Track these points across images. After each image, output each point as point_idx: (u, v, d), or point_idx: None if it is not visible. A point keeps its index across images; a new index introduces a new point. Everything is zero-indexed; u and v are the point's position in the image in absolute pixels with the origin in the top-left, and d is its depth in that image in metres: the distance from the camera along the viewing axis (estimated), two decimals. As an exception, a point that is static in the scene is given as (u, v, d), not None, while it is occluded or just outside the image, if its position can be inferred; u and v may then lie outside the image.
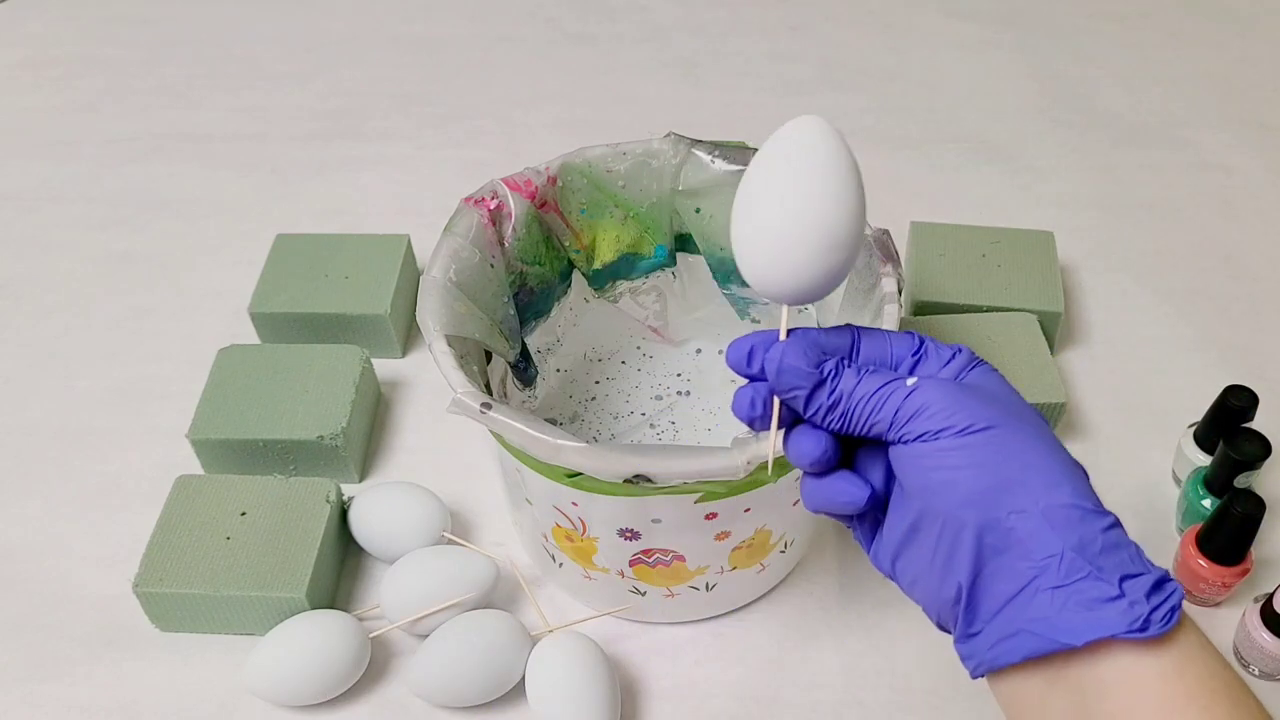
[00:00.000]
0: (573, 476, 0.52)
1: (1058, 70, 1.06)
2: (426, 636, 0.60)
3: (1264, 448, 0.62)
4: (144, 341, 0.82)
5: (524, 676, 0.59)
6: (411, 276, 0.81)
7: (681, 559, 0.58)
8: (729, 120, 1.00)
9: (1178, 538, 0.67)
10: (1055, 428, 0.71)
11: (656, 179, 0.66)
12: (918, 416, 0.38)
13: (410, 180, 0.95)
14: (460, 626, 0.59)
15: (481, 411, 0.51)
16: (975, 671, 0.38)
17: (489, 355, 0.63)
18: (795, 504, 0.59)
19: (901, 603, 0.65)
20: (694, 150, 0.65)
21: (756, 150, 0.42)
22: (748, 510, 0.56)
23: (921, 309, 0.77)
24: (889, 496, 0.41)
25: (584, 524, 0.57)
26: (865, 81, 1.05)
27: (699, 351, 0.76)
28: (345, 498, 0.67)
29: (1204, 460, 0.67)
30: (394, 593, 0.61)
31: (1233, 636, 0.62)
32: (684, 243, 0.69)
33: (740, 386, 0.42)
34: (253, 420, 0.69)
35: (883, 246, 0.58)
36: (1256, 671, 0.61)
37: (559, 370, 0.75)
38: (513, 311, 0.64)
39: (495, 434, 0.54)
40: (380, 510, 0.65)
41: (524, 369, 0.67)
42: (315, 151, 0.98)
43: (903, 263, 0.72)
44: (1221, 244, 0.88)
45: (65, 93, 1.06)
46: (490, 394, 0.55)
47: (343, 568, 0.67)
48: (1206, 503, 0.64)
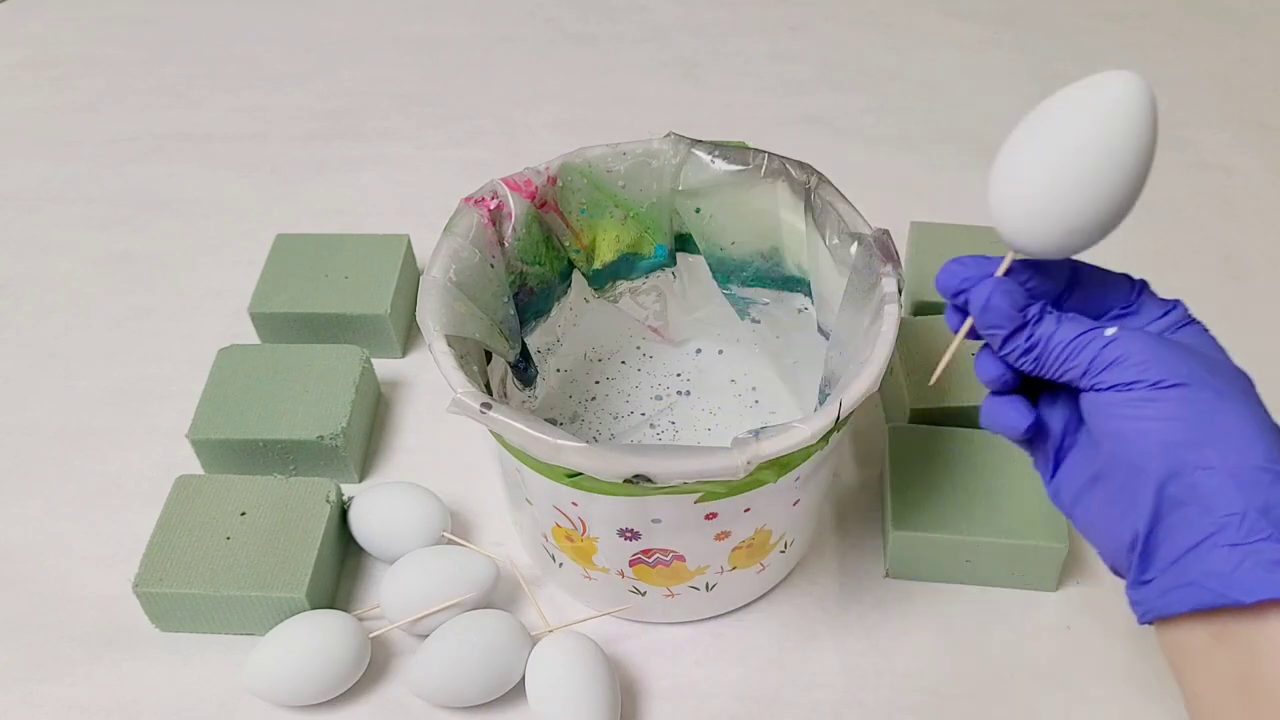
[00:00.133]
0: (573, 476, 0.52)
1: (1058, 70, 1.06)
2: (426, 636, 0.60)
3: (1264, 447, 0.62)
4: (144, 341, 0.82)
5: (524, 676, 0.59)
6: (411, 276, 0.81)
7: (681, 559, 0.58)
8: (729, 120, 1.00)
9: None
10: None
11: (656, 179, 0.66)
12: (1114, 366, 0.39)
13: (410, 180, 0.95)
14: (460, 626, 0.59)
15: (481, 411, 0.51)
16: (1143, 618, 0.40)
17: (489, 355, 0.63)
18: (795, 504, 0.59)
19: (901, 603, 0.65)
20: (694, 150, 0.65)
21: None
22: (748, 510, 0.56)
23: (922, 309, 0.77)
24: (1066, 438, 0.43)
25: (584, 524, 0.57)
26: (865, 81, 1.05)
27: (699, 351, 0.76)
28: (345, 498, 0.67)
29: (1204, 460, 0.66)
30: (394, 593, 0.61)
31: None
32: (684, 243, 0.69)
33: (981, 353, 0.44)
34: (253, 420, 0.69)
35: (883, 246, 0.58)
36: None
37: (559, 370, 0.75)
38: (513, 311, 0.64)
39: (495, 434, 0.54)
40: (380, 510, 0.66)
41: (524, 369, 0.67)
42: (315, 151, 0.98)
43: (903, 263, 0.72)
44: (1221, 244, 0.88)
45: (65, 93, 1.06)
46: (490, 394, 0.55)
47: (343, 568, 0.67)
48: (1207, 503, 0.64)
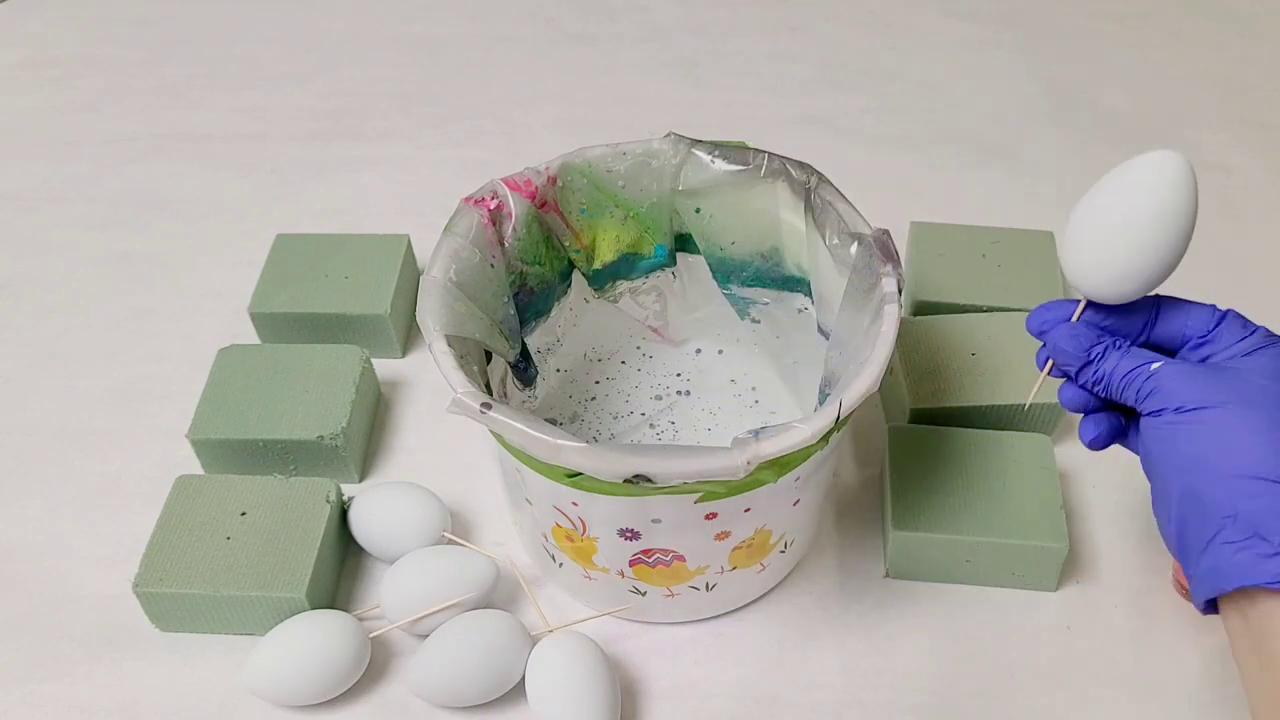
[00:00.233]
0: (573, 476, 0.52)
1: (1058, 70, 1.06)
2: (426, 636, 0.61)
3: (1264, 447, 0.62)
4: (144, 341, 0.82)
5: (524, 676, 0.59)
6: (411, 276, 0.81)
7: (681, 559, 0.58)
8: (729, 120, 1.00)
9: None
10: (1054, 429, 0.71)
11: (656, 179, 0.66)
12: (1153, 395, 0.47)
13: (410, 180, 0.95)
14: (460, 626, 0.59)
15: (481, 411, 0.51)
16: (1197, 606, 0.46)
17: (489, 355, 0.63)
18: (795, 504, 0.59)
19: (901, 603, 0.65)
20: (694, 150, 0.65)
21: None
22: (748, 510, 0.56)
23: (921, 309, 0.77)
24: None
25: (584, 524, 0.57)
26: (865, 81, 1.05)
27: (699, 351, 0.76)
28: (345, 498, 0.67)
29: (1204, 460, 0.67)
30: (394, 593, 0.61)
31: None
32: (684, 243, 0.69)
33: (1065, 384, 0.53)
34: (253, 420, 0.69)
35: (883, 246, 0.58)
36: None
37: (559, 370, 0.75)
38: (513, 311, 0.64)
39: (495, 434, 0.54)
40: (380, 510, 0.66)
41: (524, 369, 0.67)
42: (315, 151, 0.98)
43: (903, 263, 0.72)
44: (1221, 244, 0.88)
45: (65, 93, 1.06)
46: (490, 394, 0.55)
47: (343, 568, 0.67)
48: (1207, 503, 0.64)
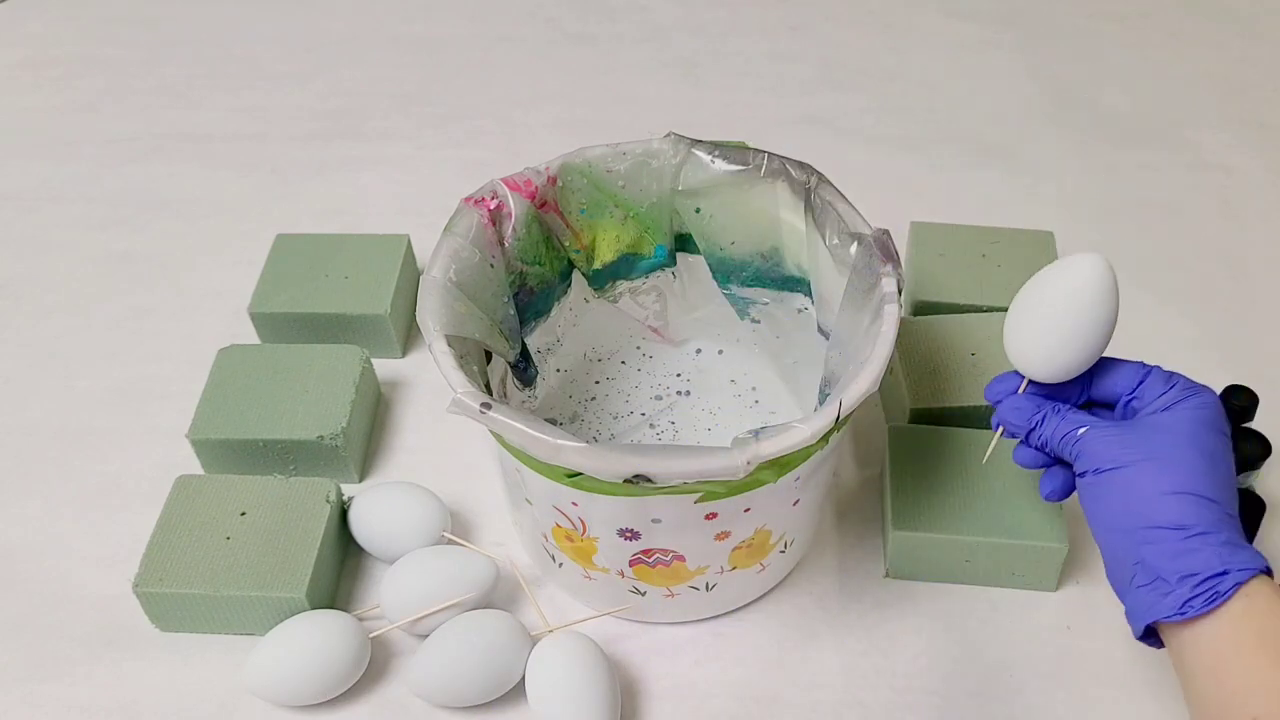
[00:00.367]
0: (573, 476, 0.52)
1: (1058, 70, 1.06)
2: (426, 636, 0.60)
3: (1264, 448, 0.62)
4: (144, 341, 0.82)
5: (524, 676, 0.59)
6: (411, 276, 0.81)
7: (681, 559, 0.58)
8: (729, 120, 1.00)
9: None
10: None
11: (656, 179, 0.66)
12: (1080, 458, 0.53)
13: (410, 180, 0.95)
14: (460, 626, 0.59)
15: (481, 411, 0.51)
16: (1136, 637, 0.51)
17: (489, 355, 0.63)
18: (795, 504, 0.59)
19: (901, 602, 0.65)
20: (694, 150, 0.65)
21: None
22: (748, 510, 0.56)
23: (921, 309, 0.77)
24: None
25: (584, 524, 0.57)
26: (865, 81, 1.05)
27: (699, 351, 0.76)
28: (345, 498, 0.67)
29: (1204, 460, 0.67)
30: (394, 593, 0.61)
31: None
32: (684, 243, 0.69)
33: (1018, 445, 0.57)
34: (253, 420, 0.69)
35: (883, 246, 0.58)
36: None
37: (559, 370, 0.75)
38: (513, 311, 0.64)
39: (495, 434, 0.54)
40: (380, 510, 0.66)
41: (524, 369, 0.67)
42: (315, 151, 0.98)
43: (903, 263, 0.72)
44: (1221, 244, 0.88)
45: (65, 93, 1.06)
46: (490, 394, 0.55)
47: (343, 568, 0.67)
48: (1206, 503, 0.65)
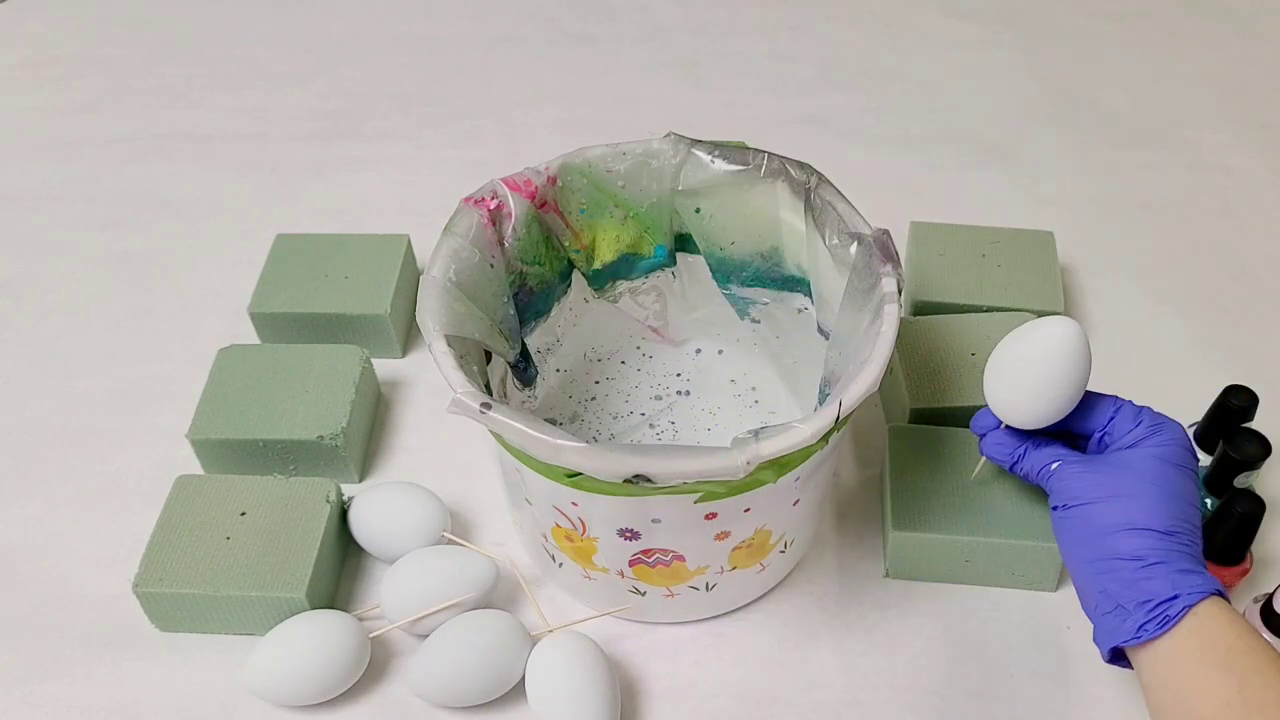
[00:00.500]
0: (573, 476, 0.52)
1: (1058, 70, 1.06)
2: (426, 636, 0.60)
3: (1264, 448, 0.62)
4: (144, 341, 0.82)
5: (524, 676, 0.59)
6: (411, 276, 0.81)
7: (681, 559, 0.58)
8: (729, 120, 1.00)
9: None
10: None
11: (656, 179, 0.66)
12: (1052, 493, 0.56)
13: (410, 180, 0.95)
14: (460, 626, 0.59)
15: (481, 411, 0.51)
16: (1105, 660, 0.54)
17: (489, 355, 0.63)
18: (795, 504, 0.59)
19: (901, 603, 0.65)
20: (694, 150, 0.65)
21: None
22: (748, 510, 0.56)
23: (921, 309, 0.77)
24: None
25: (584, 524, 0.57)
26: (865, 81, 1.05)
27: (699, 351, 0.76)
28: (345, 498, 0.67)
29: (1204, 460, 0.67)
30: (394, 593, 0.61)
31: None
32: (684, 243, 0.69)
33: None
34: (253, 420, 0.69)
35: (883, 246, 0.58)
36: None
37: (559, 370, 0.75)
38: (513, 311, 0.64)
39: (495, 434, 0.54)
40: (380, 510, 0.66)
41: (524, 369, 0.67)
42: (315, 151, 0.98)
43: (903, 263, 0.72)
44: (1221, 244, 0.88)
45: (65, 93, 1.06)
46: (490, 394, 0.55)
47: (343, 568, 0.67)
48: (1207, 502, 0.64)
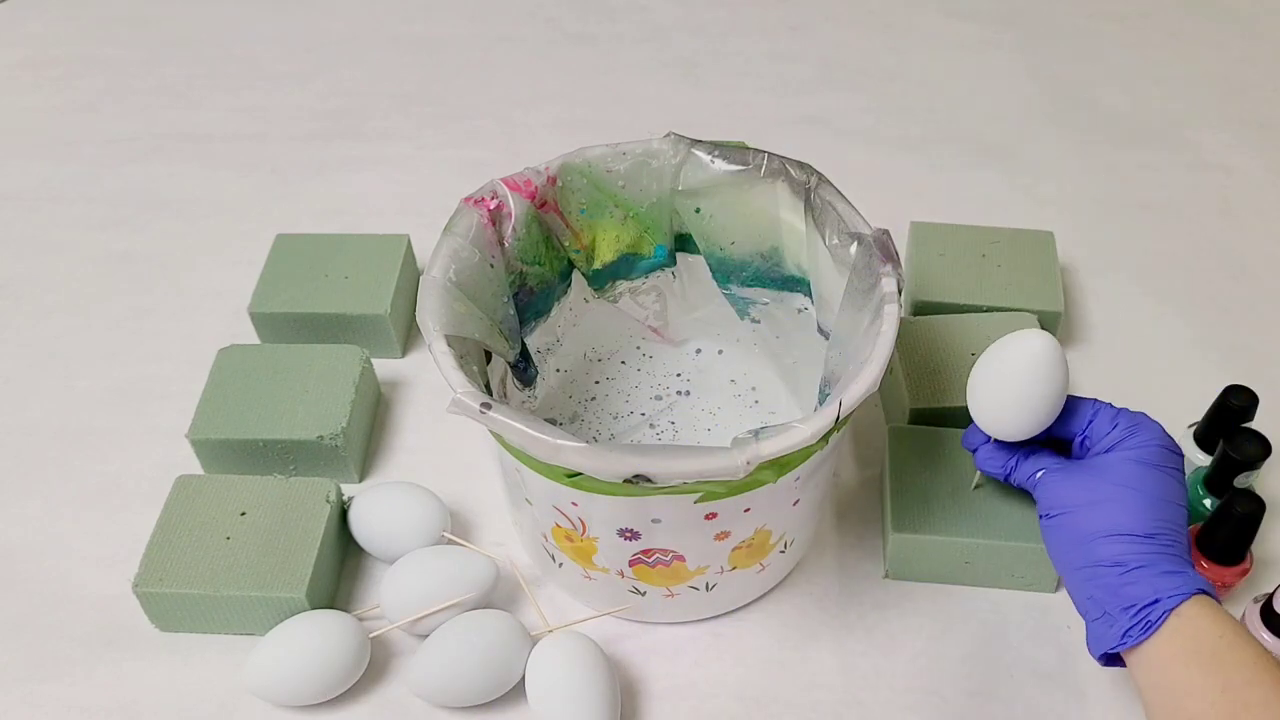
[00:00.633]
0: (572, 476, 0.52)
1: (1058, 70, 1.06)
2: (426, 636, 0.61)
3: (1264, 448, 0.62)
4: (144, 341, 0.82)
5: (524, 676, 0.59)
6: (411, 276, 0.81)
7: (681, 559, 0.58)
8: (729, 120, 1.00)
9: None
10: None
11: (656, 179, 0.66)
12: (1038, 502, 0.58)
13: (410, 180, 0.95)
14: (460, 626, 0.60)
15: (481, 411, 0.51)
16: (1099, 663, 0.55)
17: (489, 355, 0.63)
18: (795, 504, 0.59)
19: (901, 603, 0.65)
20: (694, 150, 0.65)
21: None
22: (748, 510, 0.56)
23: (921, 309, 0.77)
24: None
25: (584, 524, 0.57)
26: (865, 81, 1.05)
27: (699, 351, 0.76)
28: (345, 498, 0.67)
29: (1204, 460, 0.67)
30: (394, 593, 0.61)
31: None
32: (684, 243, 0.69)
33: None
34: (253, 420, 0.69)
35: (883, 246, 0.58)
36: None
37: (559, 370, 0.75)
38: (513, 311, 0.64)
39: (495, 434, 0.54)
40: (380, 510, 0.66)
41: (524, 369, 0.67)
42: (315, 151, 0.98)
43: (903, 263, 0.72)
44: (1221, 244, 0.88)
45: (65, 93, 1.06)
46: (490, 394, 0.55)
47: (343, 568, 0.67)
48: (1207, 503, 0.64)
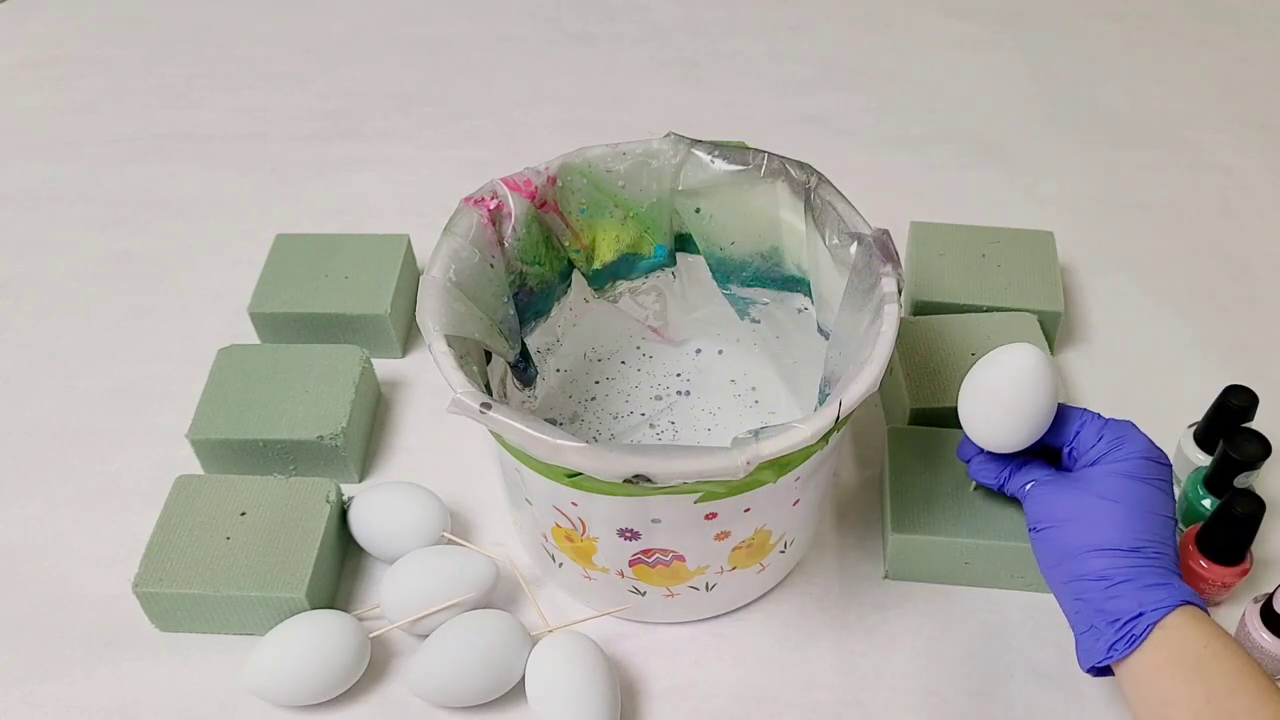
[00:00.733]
0: (572, 476, 0.52)
1: (1058, 70, 1.06)
2: (426, 636, 0.61)
3: (1264, 448, 0.62)
4: (144, 341, 0.82)
5: (524, 676, 0.59)
6: (411, 276, 0.81)
7: (681, 559, 0.58)
8: (729, 120, 1.00)
9: (1177, 538, 0.67)
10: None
11: (656, 179, 0.66)
12: (1027, 514, 0.58)
13: (410, 180, 0.95)
14: (460, 626, 0.60)
15: (481, 411, 0.51)
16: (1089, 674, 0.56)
17: (489, 355, 0.63)
18: (795, 504, 0.59)
19: (901, 603, 0.65)
20: (694, 150, 0.65)
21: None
22: (748, 510, 0.56)
23: (921, 309, 0.77)
24: None
25: (584, 524, 0.57)
26: (865, 81, 1.05)
27: (699, 351, 0.76)
28: (345, 498, 0.67)
29: (1204, 460, 0.67)
30: (394, 593, 0.61)
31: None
32: (684, 243, 0.69)
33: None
34: (253, 420, 0.69)
35: (883, 246, 0.58)
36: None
37: (559, 370, 0.75)
38: (513, 311, 0.64)
39: (495, 434, 0.54)
40: (380, 510, 0.66)
41: (524, 369, 0.67)
42: (315, 151, 0.98)
43: (903, 263, 0.72)
44: (1221, 244, 0.88)
45: (65, 93, 1.06)
46: (490, 394, 0.55)
47: (343, 568, 0.67)
48: (1206, 503, 0.64)
